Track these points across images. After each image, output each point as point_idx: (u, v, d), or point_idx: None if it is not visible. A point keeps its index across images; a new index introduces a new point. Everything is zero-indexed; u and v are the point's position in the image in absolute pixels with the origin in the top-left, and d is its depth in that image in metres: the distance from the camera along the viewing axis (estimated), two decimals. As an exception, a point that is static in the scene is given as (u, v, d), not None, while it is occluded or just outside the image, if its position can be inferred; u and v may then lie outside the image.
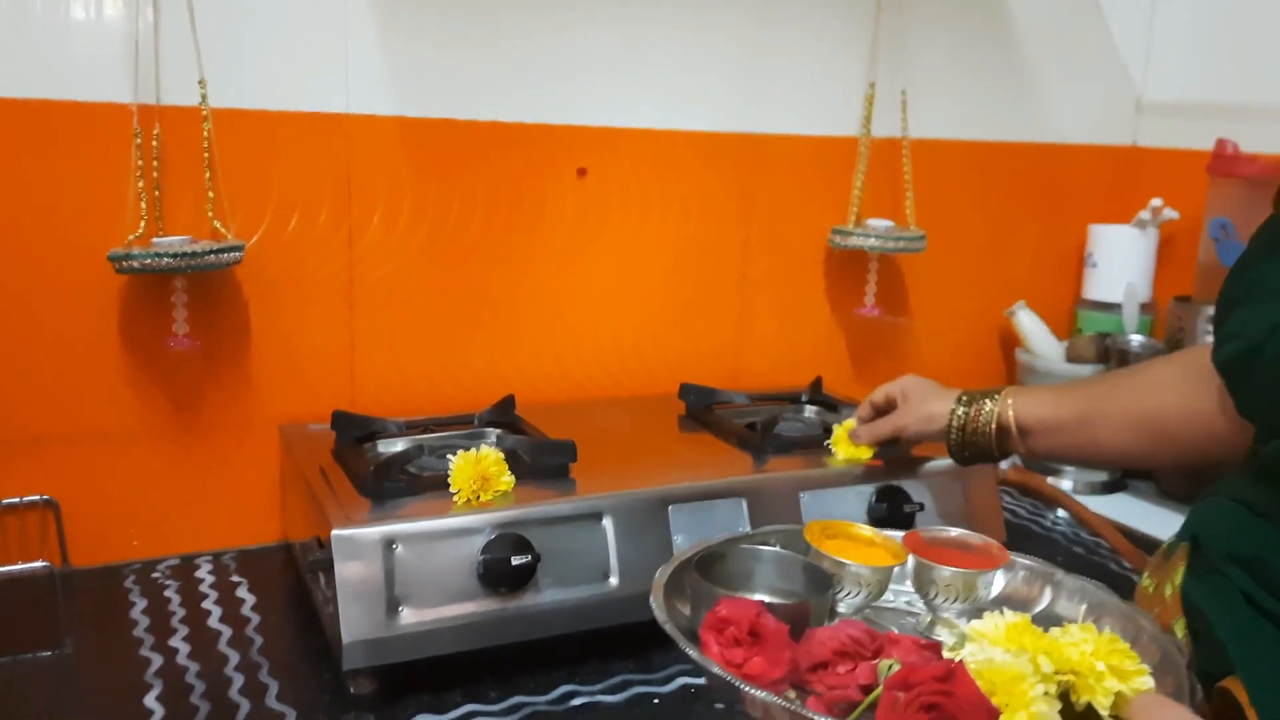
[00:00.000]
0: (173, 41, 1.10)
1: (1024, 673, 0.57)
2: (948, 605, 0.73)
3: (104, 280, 1.10)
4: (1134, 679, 0.58)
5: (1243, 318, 0.70)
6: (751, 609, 0.62)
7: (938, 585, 0.73)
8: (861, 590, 0.73)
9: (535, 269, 1.33)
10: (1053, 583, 0.76)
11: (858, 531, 0.78)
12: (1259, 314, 0.68)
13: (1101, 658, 0.59)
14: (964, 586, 0.73)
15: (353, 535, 0.93)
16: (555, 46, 1.28)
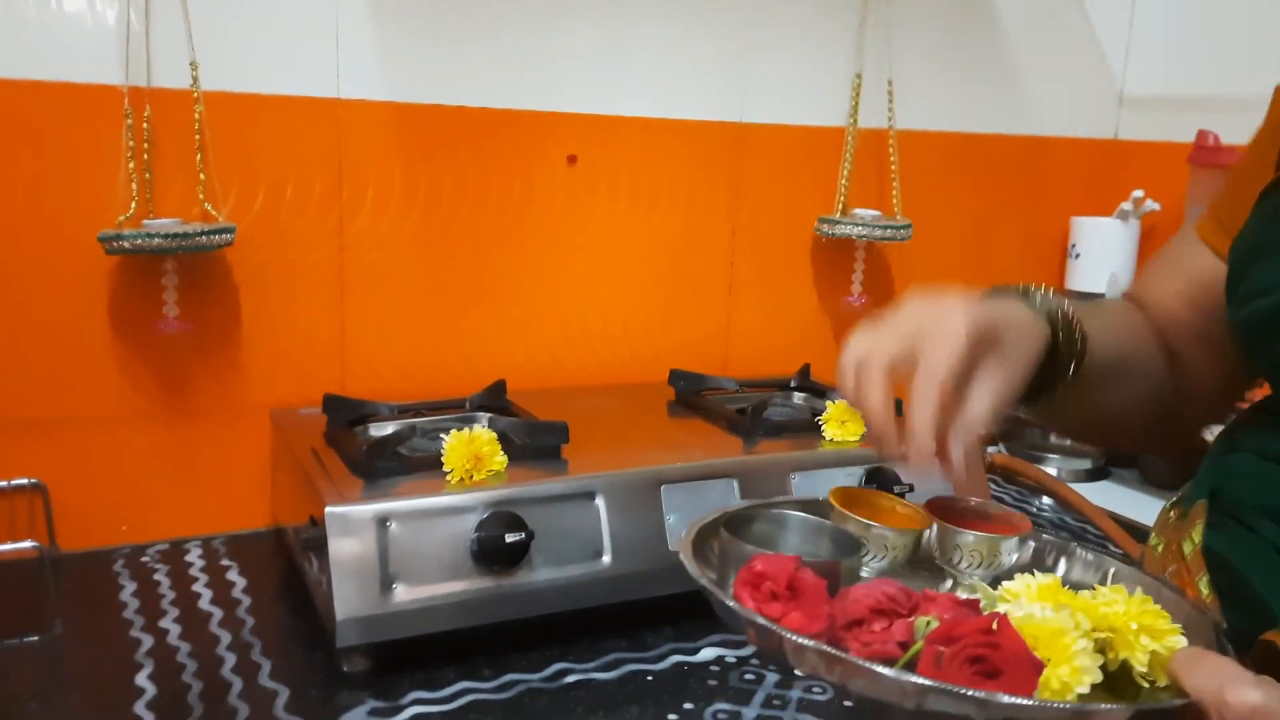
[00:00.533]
0: (164, 24, 1.10)
1: (1066, 627, 0.56)
2: (970, 570, 0.73)
3: (94, 262, 1.09)
4: (1167, 638, 0.58)
5: (1272, 271, 0.68)
6: (789, 564, 0.61)
7: (962, 550, 0.72)
8: (888, 554, 0.72)
9: (525, 255, 1.33)
10: (1068, 553, 0.77)
11: (879, 500, 0.78)
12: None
13: (1134, 618, 0.58)
14: (988, 551, 0.72)
15: (346, 512, 0.93)
16: (546, 34, 1.29)
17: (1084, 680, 0.54)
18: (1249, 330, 0.71)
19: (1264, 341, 0.69)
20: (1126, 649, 0.57)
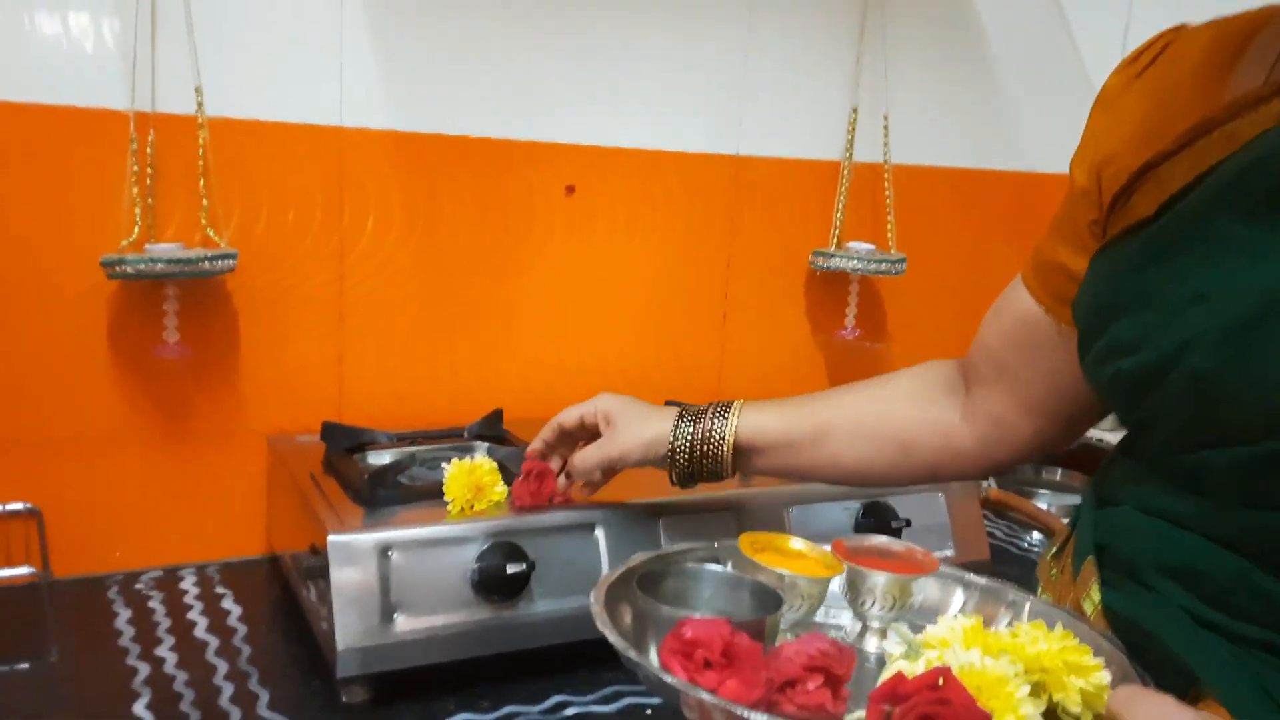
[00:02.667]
0: (170, 50, 1.11)
1: (1007, 675, 0.56)
2: (879, 612, 0.74)
3: (94, 285, 1.09)
4: (1092, 674, 0.58)
5: (1136, 326, 0.69)
6: (723, 629, 0.60)
7: (873, 592, 0.73)
8: (803, 603, 0.72)
9: (523, 284, 1.33)
10: (964, 584, 0.78)
11: (786, 544, 0.78)
12: (1165, 322, 0.67)
13: (1061, 656, 0.58)
14: (900, 592, 0.73)
15: (349, 541, 0.93)
16: (547, 66, 1.30)
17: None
18: (1115, 389, 0.71)
19: (1134, 399, 0.69)
20: (1059, 689, 0.57)
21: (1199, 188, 0.69)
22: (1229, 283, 0.65)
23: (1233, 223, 0.65)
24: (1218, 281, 0.66)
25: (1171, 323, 0.67)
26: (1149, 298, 0.69)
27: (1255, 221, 0.64)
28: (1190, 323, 0.65)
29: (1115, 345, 0.70)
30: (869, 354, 1.58)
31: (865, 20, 1.46)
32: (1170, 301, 0.68)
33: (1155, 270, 0.70)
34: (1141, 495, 0.73)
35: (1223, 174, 0.67)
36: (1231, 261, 0.65)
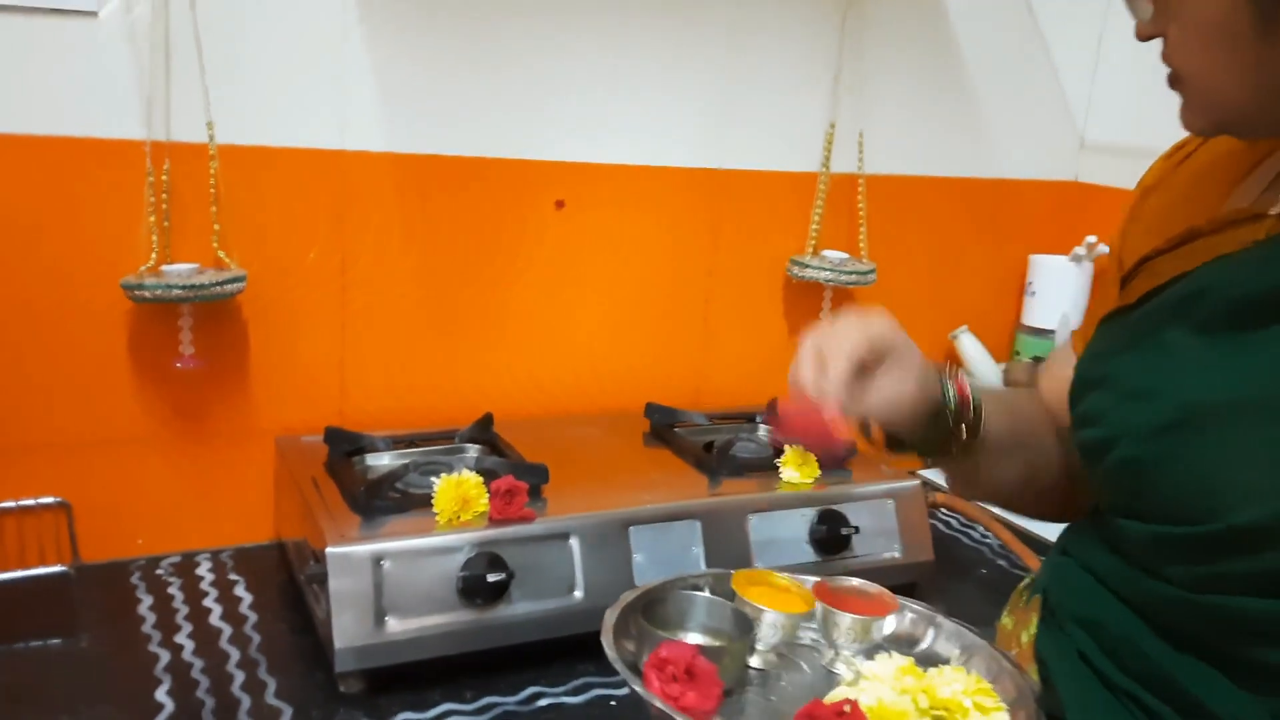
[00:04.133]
0: (183, 82, 1.19)
1: (906, 711, 0.70)
2: (848, 644, 0.86)
3: (117, 303, 1.19)
4: (993, 714, 0.71)
5: (1100, 404, 0.77)
6: (688, 651, 0.74)
7: (840, 628, 0.86)
8: (777, 632, 0.86)
9: (515, 293, 1.43)
10: (934, 625, 0.90)
11: (776, 580, 0.91)
12: (1115, 407, 0.75)
13: (969, 695, 0.72)
14: (861, 630, 0.86)
15: (346, 553, 1.04)
16: (537, 89, 1.38)
17: None
18: (1081, 453, 0.80)
19: (1091, 465, 0.78)
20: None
21: (1167, 291, 0.77)
22: (1163, 386, 0.73)
23: (1182, 332, 0.73)
24: (1156, 383, 0.74)
25: (1118, 409, 0.76)
26: (1111, 381, 0.78)
27: (1200, 334, 0.72)
28: (1127, 415, 0.74)
29: (1084, 416, 0.79)
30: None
31: (843, 39, 1.54)
32: (1122, 389, 0.76)
33: (1120, 357, 0.78)
34: (1082, 548, 0.83)
35: (1183, 285, 0.76)
36: (1170, 367, 0.74)
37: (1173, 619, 0.71)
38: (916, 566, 1.30)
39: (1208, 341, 0.72)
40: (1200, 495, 0.68)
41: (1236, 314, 0.70)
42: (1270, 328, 0.68)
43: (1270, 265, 0.70)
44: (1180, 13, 0.69)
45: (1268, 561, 0.64)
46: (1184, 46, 0.71)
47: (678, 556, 1.17)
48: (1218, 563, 0.67)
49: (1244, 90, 0.69)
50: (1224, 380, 0.70)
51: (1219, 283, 0.73)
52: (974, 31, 1.65)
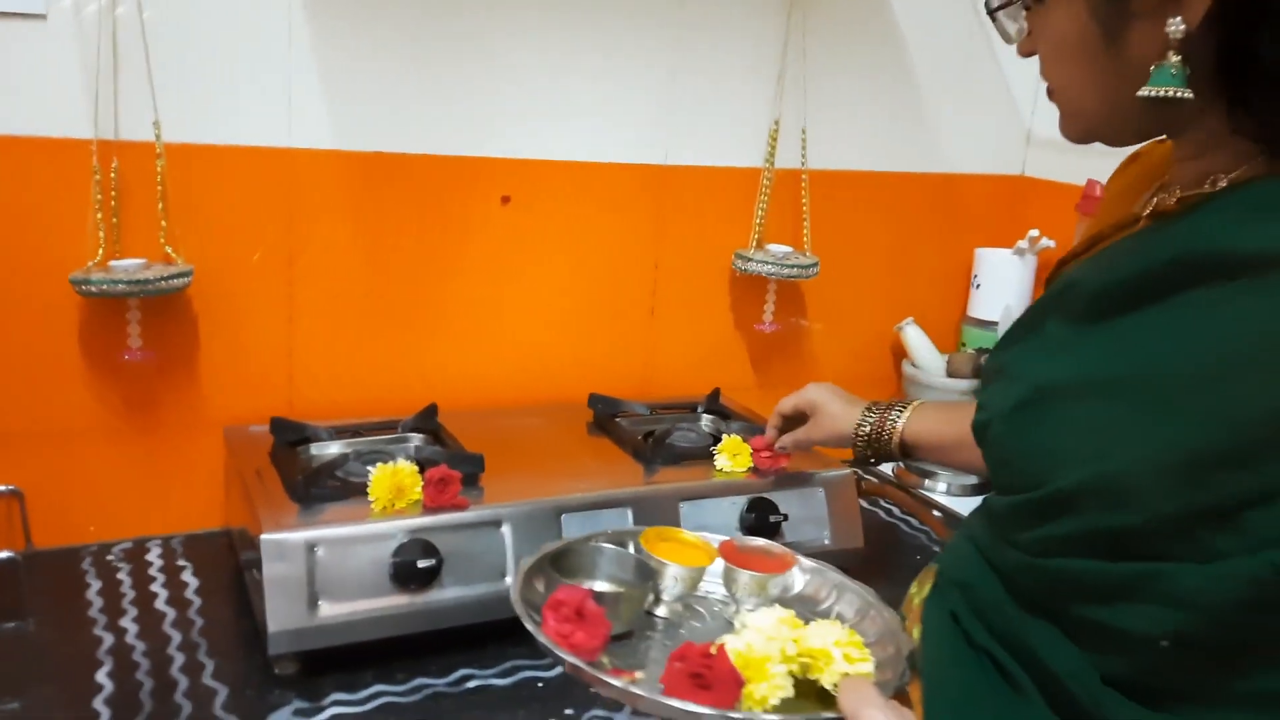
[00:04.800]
0: (131, 82, 1.23)
1: (769, 655, 0.76)
2: (746, 598, 0.93)
3: (66, 298, 1.22)
4: (858, 664, 0.78)
5: (990, 392, 0.83)
6: (580, 594, 0.80)
7: (739, 584, 0.93)
8: (679, 584, 0.93)
9: (462, 286, 1.47)
10: (836, 585, 0.95)
11: (685, 536, 0.98)
12: (996, 393, 0.81)
13: (840, 646, 0.78)
14: (758, 586, 0.93)
15: (280, 539, 1.07)
16: (483, 86, 1.41)
17: (777, 694, 0.75)
18: (975, 434, 0.84)
19: (981, 445, 0.83)
20: (818, 671, 0.78)
21: (1052, 285, 0.85)
22: (1028, 370, 0.79)
23: (1057, 322, 0.79)
24: (1025, 368, 0.80)
25: (997, 394, 0.81)
26: (1001, 370, 0.84)
27: (1069, 324, 0.78)
28: (1000, 397, 0.80)
29: (979, 404, 0.85)
30: (789, 344, 1.71)
31: (788, 35, 1.57)
32: (1005, 376, 0.83)
33: (1012, 348, 0.85)
34: (971, 521, 0.88)
35: (1062, 280, 0.83)
36: (1039, 354, 0.80)
37: (1024, 582, 0.76)
38: (847, 553, 1.34)
39: (1072, 330, 0.77)
40: (1036, 464, 0.74)
41: (1092, 304, 0.75)
42: (1116, 317, 0.73)
43: (1120, 260, 0.77)
44: (1043, 32, 0.76)
45: (1087, 522, 0.69)
46: (1050, 63, 0.77)
47: (609, 543, 1.21)
48: (1047, 525, 0.72)
49: (1103, 101, 0.74)
50: (1069, 363, 0.75)
51: (1081, 278, 0.79)
52: (919, 27, 1.68)
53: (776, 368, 1.72)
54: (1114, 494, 0.68)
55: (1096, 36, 0.71)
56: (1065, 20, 0.73)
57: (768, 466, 1.32)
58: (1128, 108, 0.72)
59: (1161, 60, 0.68)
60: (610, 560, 0.95)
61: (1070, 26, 0.73)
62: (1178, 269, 0.69)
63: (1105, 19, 0.70)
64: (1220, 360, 0.65)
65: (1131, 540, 0.67)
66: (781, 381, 1.71)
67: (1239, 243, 0.67)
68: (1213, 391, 0.65)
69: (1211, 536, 0.64)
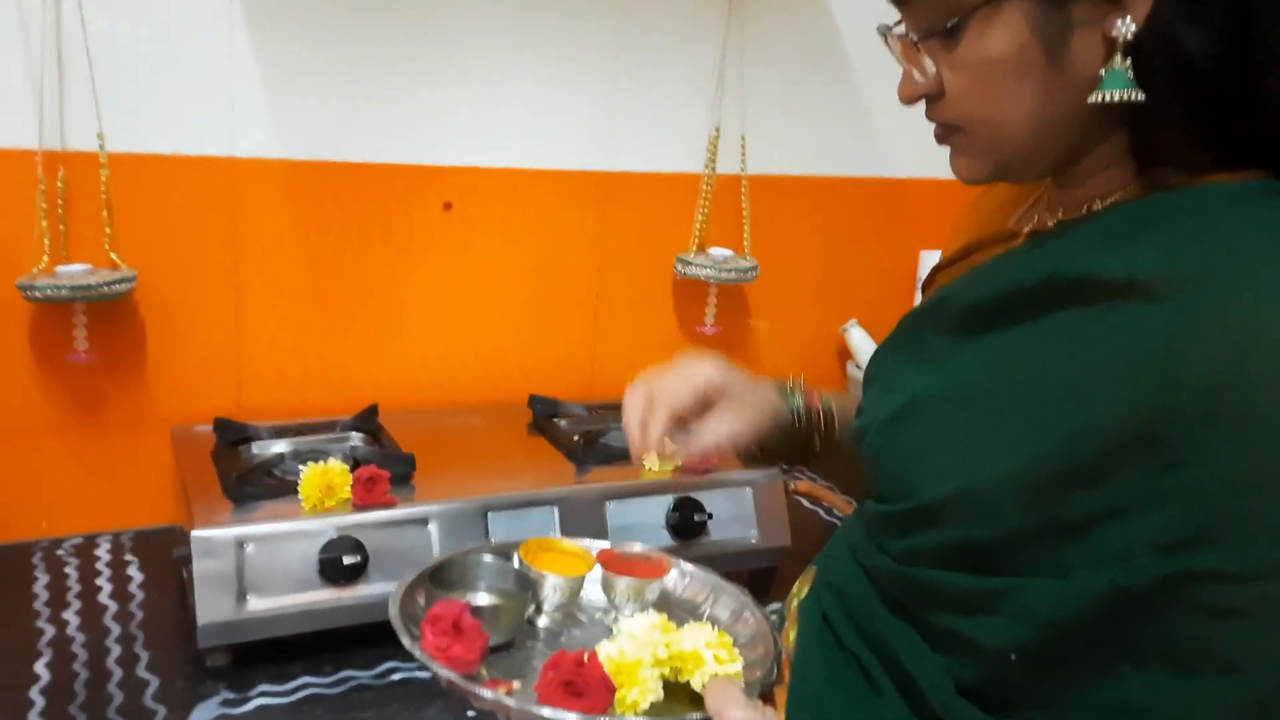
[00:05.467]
0: (76, 92, 1.27)
1: (640, 661, 0.80)
2: (624, 605, 0.97)
3: (13, 302, 1.26)
4: (727, 665, 0.82)
5: (868, 398, 0.86)
6: (456, 608, 0.84)
7: (617, 590, 0.97)
8: (558, 593, 0.96)
9: (405, 290, 1.51)
10: (713, 588, 0.99)
11: (564, 546, 1.01)
12: (872, 401, 0.84)
13: (710, 648, 0.82)
14: (635, 592, 0.96)
15: (209, 535, 1.12)
16: (424, 94, 1.45)
17: (648, 698, 0.79)
18: (854, 441, 0.86)
19: (859, 452, 0.85)
20: (688, 674, 0.82)
21: (929, 297, 0.85)
22: (903, 382, 0.81)
23: (933, 334, 0.81)
24: (901, 378, 0.82)
25: (873, 403, 0.84)
26: (879, 378, 0.86)
27: (943, 336, 0.79)
28: (876, 407, 0.82)
29: (859, 409, 0.87)
30: (734, 344, 1.75)
31: (726, 41, 1.61)
32: (881, 385, 0.85)
33: (891, 357, 0.87)
34: (849, 524, 0.91)
35: (937, 292, 0.83)
36: (914, 365, 0.81)
37: (891, 588, 0.79)
38: (773, 551, 1.38)
39: (947, 342, 0.79)
40: (905, 476, 0.76)
41: (966, 319, 0.77)
42: (988, 333, 0.75)
43: (992, 277, 0.78)
44: (963, 59, 0.71)
45: (951, 535, 0.72)
46: (968, 93, 0.72)
47: (535, 541, 1.26)
48: (914, 536, 0.76)
49: (1030, 125, 0.71)
50: (939, 376, 0.77)
51: (956, 291, 0.80)
52: (859, 31, 1.71)
53: (721, 368, 1.76)
54: (976, 507, 0.70)
55: (1038, 53, 0.68)
56: (1001, 42, 0.69)
57: (698, 467, 1.35)
58: (1057, 129, 0.71)
59: (1108, 65, 0.67)
60: (490, 572, 0.98)
61: (1007, 47, 0.69)
62: (1045, 291, 0.70)
63: (1046, 32, 0.68)
64: (1072, 380, 0.67)
65: (992, 553, 0.70)
66: (726, 382, 1.75)
67: (1098, 267, 0.67)
68: (1064, 410, 0.66)
69: (1063, 552, 0.66)
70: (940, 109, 0.76)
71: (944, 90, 0.74)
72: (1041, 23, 0.68)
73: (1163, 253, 0.65)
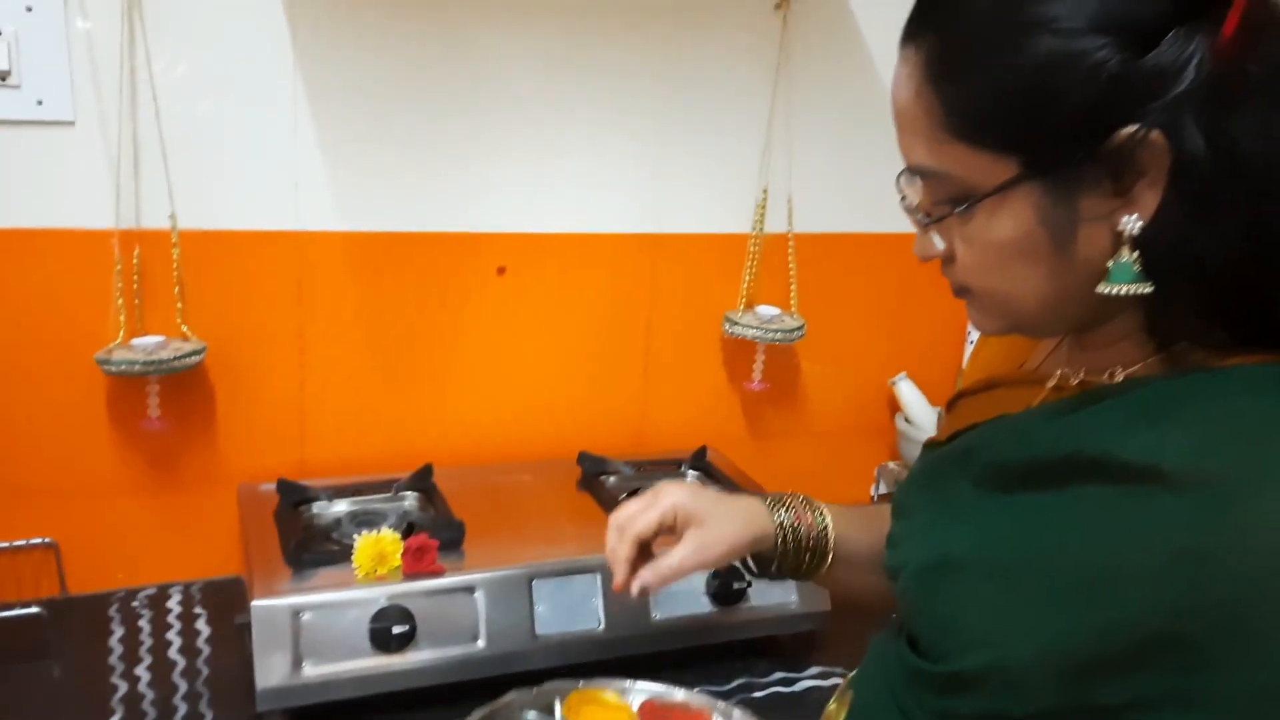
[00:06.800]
0: (150, 177, 1.35)
1: None
2: None
3: (93, 372, 1.35)
4: None
5: (900, 531, 0.86)
6: None
7: None
8: None
9: (460, 351, 1.57)
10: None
11: (606, 698, 1.03)
12: (906, 538, 0.84)
13: None
14: None
15: (269, 605, 1.19)
16: (476, 166, 1.51)
17: None
18: (886, 571, 0.88)
19: (893, 583, 0.86)
20: None
21: (954, 441, 0.85)
22: (935, 530, 0.82)
23: (961, 481, 0.81)
24: (932, 525, 0.83)
25: (907, 541, 0.85)
26: (911, 512, 0.87)
27: (973, 486, 0.80)
28: (910, 548, 0.84)
29: (890, 538, 0.89)
30: (780, 400, 1.78)
31: (773, 107, 1.63)
32: (915, 523, 0.86)
33: (921, 492, 0.88)
34: (884, 651, 0.89)
35: (963, 440, 0.84)
36: (945, 512, 0.82)
37: None
38: (814, 616, 1.41)
39: (974, 495, 0.80)
40: (940, 637, 0.78)
41: (993, 475, 0.78)
42: (1015, 493, 0.76)
43: (1017, 440, 0.78)
44: (973, 236, 0.73)
45: (982, 705, 0.73)
46: (976, 266, 0.74)
47: (578, 608, 1.31)
48: (947, 699, 0.77)
49: (1037, 299, 0.73)
50: (972, 536, 0.78)
51: (983, 444, 0.81)
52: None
53: (770, 421, 1.79)
54: (1009, 682, 0.71)
55: (1045, 240, 0.69)
56: (1009, 229, 0.70)
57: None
58: (1068, 306, 0.72)
59: (1116, 258, 0.67)
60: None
61: (1015, 234, 0.70)
62: (1071, 464, 0.71)
63: (1054, 223, 0.69)
64: (1102, 566, 0.67)
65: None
66: (776, 433, 1.79)
67: (1123, 450, 0.68)
68: (1094, 595, 0.67)
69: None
70: (953, 272, 0.78)
71: (955, 256, 0.76)
72: (1049, 214, 0.68)
73: (1186, 442, 0.66)
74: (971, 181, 0.70)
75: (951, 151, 0.71)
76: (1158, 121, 0.63)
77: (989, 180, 0.69)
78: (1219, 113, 0.63)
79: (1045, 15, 0.65)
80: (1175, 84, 0.63)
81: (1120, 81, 0.63)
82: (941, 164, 0.72)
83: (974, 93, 0.69)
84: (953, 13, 0.70)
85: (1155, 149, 0.64)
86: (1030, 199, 0.69)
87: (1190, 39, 0.63)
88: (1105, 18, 0.63)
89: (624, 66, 1.55)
